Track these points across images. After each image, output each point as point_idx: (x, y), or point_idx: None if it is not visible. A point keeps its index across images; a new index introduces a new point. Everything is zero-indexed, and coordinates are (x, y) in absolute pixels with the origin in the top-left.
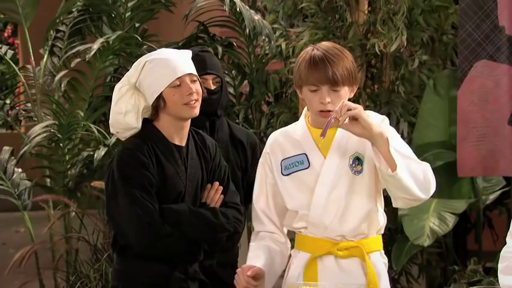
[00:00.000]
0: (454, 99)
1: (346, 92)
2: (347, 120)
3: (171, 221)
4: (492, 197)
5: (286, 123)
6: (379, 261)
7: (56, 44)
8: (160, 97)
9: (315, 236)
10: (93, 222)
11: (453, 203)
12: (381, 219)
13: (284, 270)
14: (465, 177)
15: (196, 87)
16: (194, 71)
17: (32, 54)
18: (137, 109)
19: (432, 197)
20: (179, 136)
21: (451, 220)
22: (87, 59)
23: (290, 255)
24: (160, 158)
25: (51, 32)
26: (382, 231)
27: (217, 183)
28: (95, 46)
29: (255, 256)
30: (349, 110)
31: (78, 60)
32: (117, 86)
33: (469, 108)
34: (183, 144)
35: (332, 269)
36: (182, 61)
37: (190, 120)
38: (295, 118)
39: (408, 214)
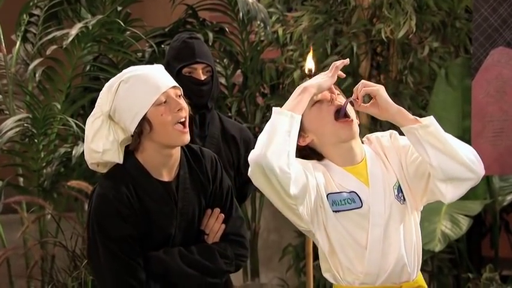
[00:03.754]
0: (467, 90)
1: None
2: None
3: (159, 271)
4: (510, 198)
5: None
6: None
7: (30, 30)
8: (144, 120)
9: (372, 286)
10: (71, 225)
11: (467, 204)
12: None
13: None
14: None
15: (183, 104)
16: (177, 84)
17: (2, 40)
18: (117, 145)
19: None
20: (168, 167)
21: (465, 223)
22: (64, 46)
23: None
24: (142, 199)
25: (25, 16)
26: None
27: (217, 210)
28: (73, 32)
29: None
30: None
31: (54, 47)
32: (89, 120)
33: (485, 100)
34: (172, 176)
35: None
36: (162, 74)
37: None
38: None
39: None
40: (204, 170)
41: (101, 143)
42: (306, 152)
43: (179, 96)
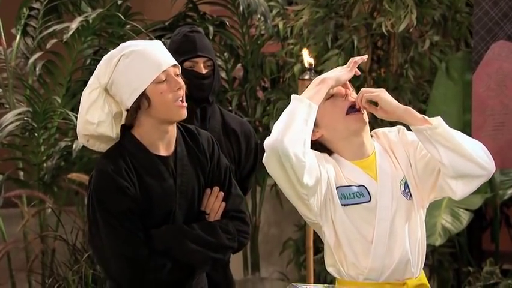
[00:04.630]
0: (468, 84)
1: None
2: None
3: (161, 247)
4: (510, 191)
5: (283, 111)
6: None
7: (30, 23)
8: (142, 96)
9: (376, 281)
10: (71, 219)
11: (467, 198)
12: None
13: None
14: None
15: (182, 82)
16: (176, 62)
17: (3, 34)
18: (111, 117)
19: None
20: (165, 142)
21: (465, 217)
22: (64, 40)
23: None
24: (142, 176)
25: (25, 9)
26: None
27: (217, 188)
28: (73, 25)
29: None
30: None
31: (54, 41)
32: (85, 91)
33: (485, 93)
34: (170, 152)
35: None
36: (162, 51)
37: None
38: None
39: None
40: (201, 148)
41: (96, 114)
42: (316, 146)
43: (178, 75)
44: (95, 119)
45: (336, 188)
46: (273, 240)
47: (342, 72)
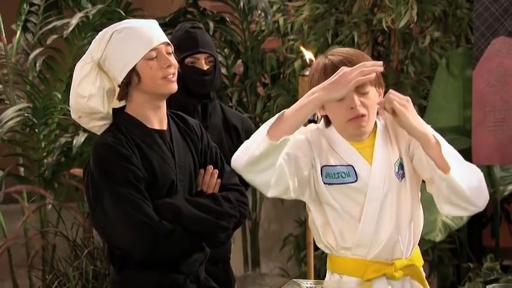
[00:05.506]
0: (469, 80)
1: (374, 95)
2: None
3: (169, 216)
4: (510, 187)
5: (284, 107)
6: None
7: (30, 19)
8: (132, 72)
9: (363, 258)
10: (72, 215)
11: None
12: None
13: None
14: (481, 166)
15: (173, 60)
16: (169, 41)
17: (3, 30)
18: (103, 92)
19: None
20: (158, 117)
21: None
22: (64, 36)
23: None
24: (142, 148)
25: (25, 5)
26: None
27: (210, 166)
28: (74, 21)
29: None
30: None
31: (54, 36)
32: (78, 65)
33: (486, 89)
34: (164, 127)
35: None
36: (156, 29)
37: (165, 99)
38: (294, 101)
39: None
40: (192, 128)
41: (87, 88)
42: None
43: (170, 53)
44: (86, 92)
45: (322, 167)
46: (273, 236)
47: (338, 89)
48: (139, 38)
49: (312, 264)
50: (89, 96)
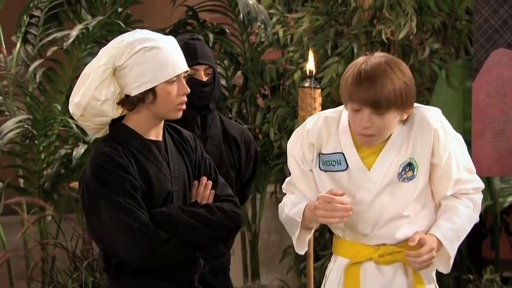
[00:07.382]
0: (468, 92)
1: (394, 117)
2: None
3: (164, 225)
4: (510, 199)
5: (283, 118)
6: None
7: (30, 31)
8: (150, 90)
9: (354, 241)
10: (71, 227)
11: None
12: (426, 224)
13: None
14: (480, 177)
15: (187, 88)
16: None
17: (3, 42)
18: (115, 97)
19: None
20: (155, 131)
21: None
22: (64, 48)
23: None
24: (138, 158)
25: (25, 17)
26: None
27: (204, 178)
28: (74, 33)
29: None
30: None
31: (54, 48)
32: (100, 68)
33: (485, 101)
34: (160, 138)
35: (375, 276)
36: (180, 53)
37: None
38: (294, 113)
39: None
40: (186, 140)
41: (103, 92)
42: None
43: (185, 77)
44: (103, 96)
45: (319, 155)
46: (273, 248)
47: (332, 220)
48: (165, 63)
49: (312, 275)
50: (105, 100)
